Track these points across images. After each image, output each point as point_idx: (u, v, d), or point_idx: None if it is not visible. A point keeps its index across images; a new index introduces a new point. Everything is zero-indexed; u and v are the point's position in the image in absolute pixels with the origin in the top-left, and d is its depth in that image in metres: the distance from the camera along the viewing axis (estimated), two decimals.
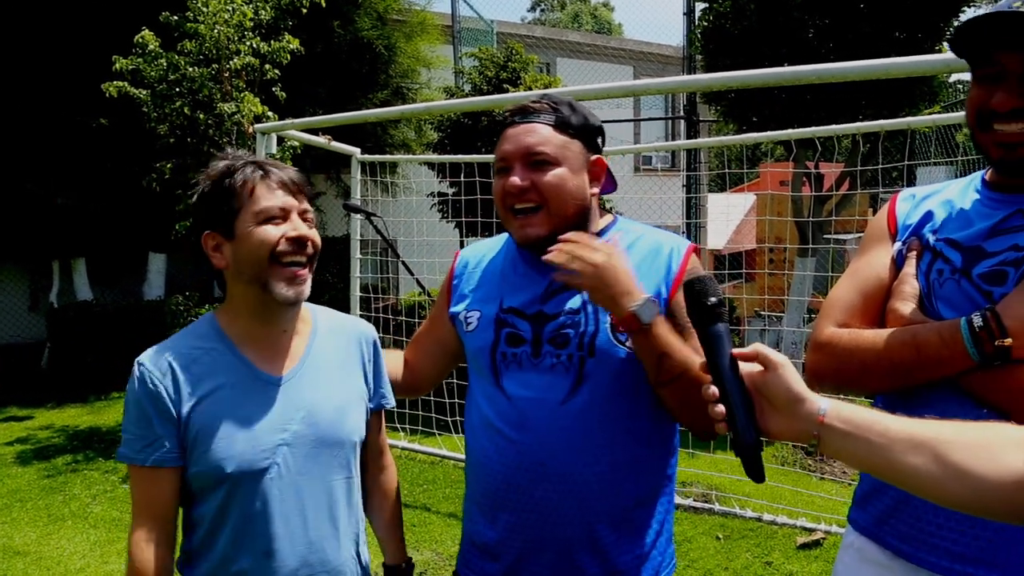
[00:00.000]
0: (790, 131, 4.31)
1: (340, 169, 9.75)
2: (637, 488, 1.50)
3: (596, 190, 1.53)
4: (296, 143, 5.37)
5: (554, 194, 1.45)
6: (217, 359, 1.42)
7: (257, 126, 4.90)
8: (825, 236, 6.80)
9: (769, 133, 4.56)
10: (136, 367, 1.40)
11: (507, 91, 6.81)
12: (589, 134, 1.51)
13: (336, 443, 1.47)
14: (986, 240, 1.30)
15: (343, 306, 6.06)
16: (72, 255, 9.13)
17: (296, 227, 1.41)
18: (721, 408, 1.05)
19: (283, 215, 1.40)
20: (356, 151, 5.55)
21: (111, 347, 8.10)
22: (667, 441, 1.56)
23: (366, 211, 4.89)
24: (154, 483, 1.39)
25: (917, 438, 0.95)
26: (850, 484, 4.59)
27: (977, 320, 1.20)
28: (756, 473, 1.04)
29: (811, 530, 3.96)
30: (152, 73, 5.57)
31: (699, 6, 7.85)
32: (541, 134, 1.46)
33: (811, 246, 6.08)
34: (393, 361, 1.75)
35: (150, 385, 1.37)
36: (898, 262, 1.41)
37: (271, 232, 1.38)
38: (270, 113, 5.60)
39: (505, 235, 1.65)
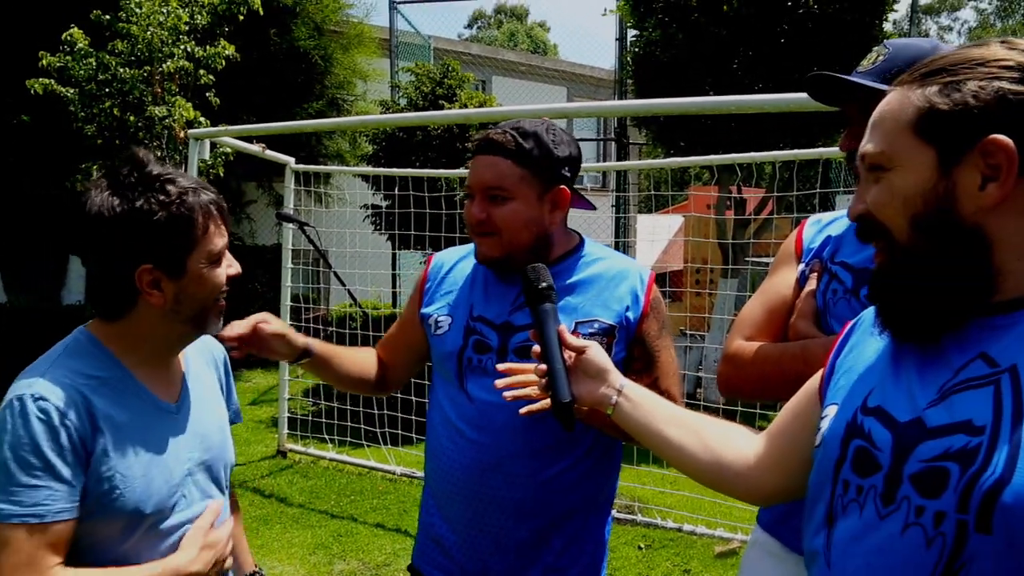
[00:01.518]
0: (712, 157, 4.52)
1: (272, 178, 9.64)
2: (591, 491, 1.61)
3: (557, 219, 1.61)
4: (229, 150, 5.32)
5: (507, 226, 1.55)
6: (117, 389, 1.28)
7: (191, 131, 4.85)
8: (747, 259, 7.09)
9: (694, 158, 4.77)
10: (31, 402, 1.18)
11: (443, 107, 6.90)
12: (551, 166, 1.56)
13: (224, 465, 1.46)
14: (874, 263, 1.45)
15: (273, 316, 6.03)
16: None
17: (232, 264, 1.36)
18: (544, 367, 1.25)
19: (224, 250, 1.34)
20: (291, 160, 5.54)
21: (25, 353, 7.74)
22: (616, 450, 1.67)
23: (299, 220, 4.90)
24: (47, 540, 1.17)
25: (683, 418, 1.22)
26: None
27: None
28: (568, 423, 1.25)
29: (728, 539, 4.13)
30: (80, 72, 5.44)
31: (631, 33, 8.11)
32: (499, 169, 1.54)
33: (731, 267, 6.33)
34: (366, 358, 1.81)
35: (55, 422, 1.18)
36: (801, 283, 1.55)
37: (221, 274, 1.33)
38: (203, 119, 5.54)
39: None
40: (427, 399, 5.34)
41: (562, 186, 1.59)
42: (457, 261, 1.74)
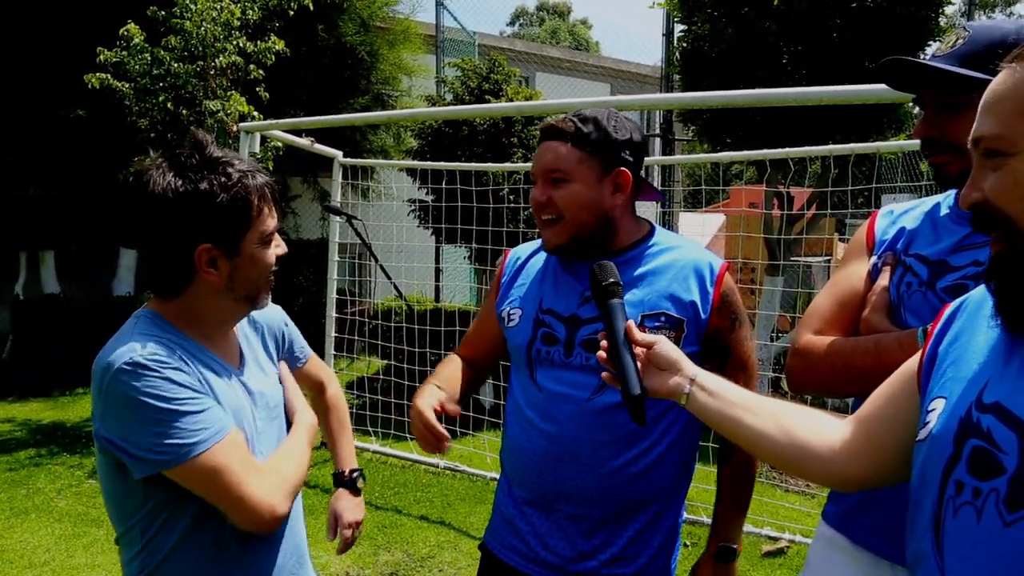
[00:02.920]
0: (764, 151, 4.44)
1: (317, 173, 9.74)
2: (661, 483, 1.59)
3: (619, 201, 1.61)
4: (279, 144, 5.39)
5: (568, 208, 1.57)
6: (193, 354, 1.35)
7: (242, 125, 4.92)
8: (793, 258, 6.96)
9: (744, 152, 4.69)
10: (142, 359, 1.23)
11: (489, 102, 6.90)
12: (611, 148, 1.58)
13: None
14: (951, 255, 1.39)
15: (317, 309, 6.09)
16: (40, 247, 8.99)
17: (280, 244, 1.43)
18: (612, 360, 1.24)
19: (274, 232, 1.41)
20: (338, 154, 5.59)
21: (77, 342, 7.98)
22: (689, 447, 1.65)
23: (347, 213, 4.94)
24: (242, 446, 1.31)
25: (760, 404, 1.17)
26: (813, 496, 4.72)
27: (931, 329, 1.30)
28: (639, 418, 1.22)
29: (775, 539, 4.07)
30: (136, 67, 5.55)
31: (678, 28, 8.02)
32: (558, 153, 1.58)
33: (781, 262, 6.23)
34: (458, 371, 1.81)
35: (172, 363, 1.26)
36: (873, 275, 1.50)
37: (271, 254, 1.40)
38: (255, 113, 5.62)
39: None
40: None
41: (623, 169, 1.59)
42: (531, 254, 1.77)
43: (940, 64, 1.32)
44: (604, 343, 1.28)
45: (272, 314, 1.63)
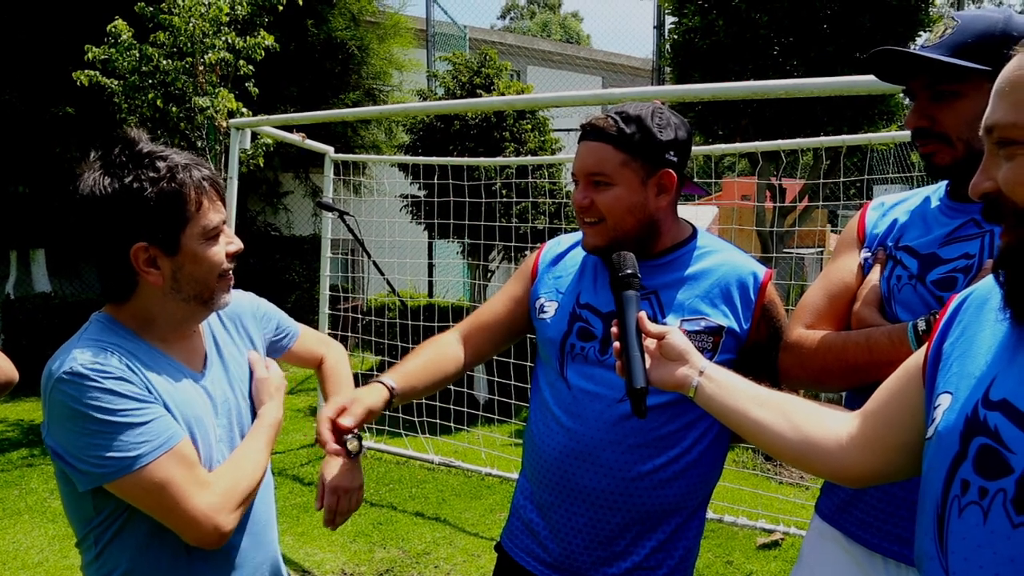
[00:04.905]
0: (757, 143, 4.44)
1: (309, 168, 9.72)
2: (687, 492, 1.55)
3: (664, 203, 1.56)
4: (270, 140, 5.36)
5: (611, 212, 1.52)
6: (146, 361, 1.29)
7: (232, 121, 4.89)
8: (786, 250, 6.97)
9: (736, 144, 4.69)
10: (83, 368, 1.19)
11: (480, 96, 6.87)
12: (655, 150, 1.52)
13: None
14: (941, 247, 1.39)
15: (310, 306, 6.09)
16: (31, 245, 8.94)
17: (233, 240, 1.36)
18: (622, 352, 1.23)
19: (221, 227, 1.33)
20: (329, 149, 5.56)
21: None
22: (716, 459, 1.61)
23: (339, 210, 4.91)
24: (189, 457, 1.25)
25: (768, 398, 1.18)
26: (807, 488, 4.74)
27: (921, 324, 1.29)
28: (640, 412, 1.21)
29: (770, 531, 4.08)
30: (124, 64, 5.52)
31: (669, 20, 8.01)
32: (600, 155, 1.52)
33: (773, 254, 6.24)
34: (444, 358, 1.69)
35: (116, 373, 1.22)
36: (865, 269, 1.50)
37: (220, 252, 1.32)
38: (244, 109, 5.59)
39: None
40: (465, 389, 5.28)
41: (668, 170, 1.54)
42: (570, 247, 1.72)
43: (931, 54, 1.31)
44: (614, 330, 1.27)
45: (242, 307, 1.54)
